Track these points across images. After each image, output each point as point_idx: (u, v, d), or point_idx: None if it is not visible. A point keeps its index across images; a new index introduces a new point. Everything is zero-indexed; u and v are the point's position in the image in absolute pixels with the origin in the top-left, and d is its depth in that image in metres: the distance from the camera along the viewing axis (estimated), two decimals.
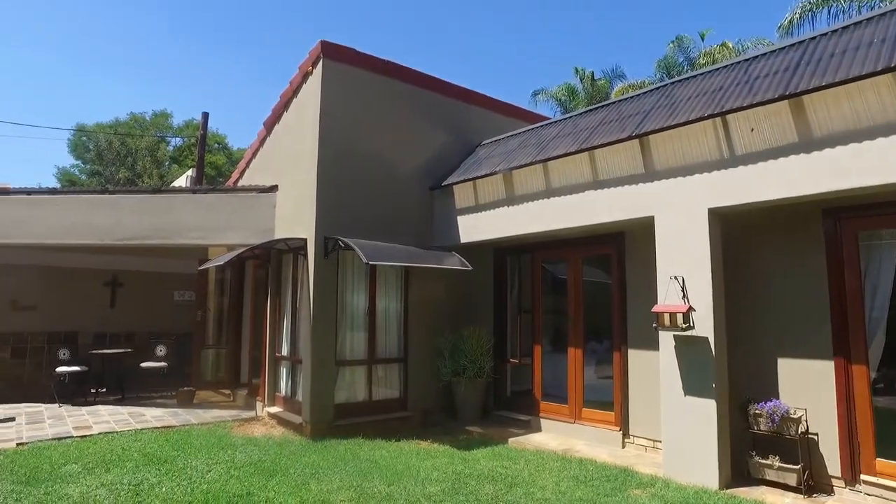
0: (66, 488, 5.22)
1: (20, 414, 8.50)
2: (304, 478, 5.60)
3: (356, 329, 8.21)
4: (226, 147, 36.05)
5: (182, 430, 7.68)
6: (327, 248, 7.73)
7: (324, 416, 7.51)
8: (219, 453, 6.47)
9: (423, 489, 5.31)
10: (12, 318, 10.31)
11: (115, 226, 9.10)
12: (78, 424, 7.88)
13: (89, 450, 6.57)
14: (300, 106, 8.71)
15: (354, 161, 8.17)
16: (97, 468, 5.87)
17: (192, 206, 9.23)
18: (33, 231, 9.25)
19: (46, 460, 6.12)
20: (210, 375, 10.37)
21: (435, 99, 9.33)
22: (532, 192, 7.56)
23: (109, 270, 11.20)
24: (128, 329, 11.15)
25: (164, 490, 5.19)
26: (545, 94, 22.91)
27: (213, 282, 10.61)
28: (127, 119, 35.99)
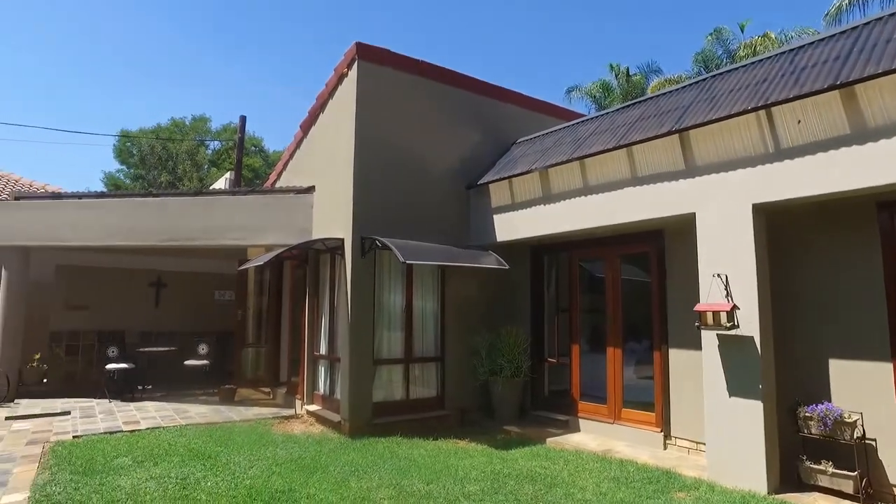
0: (118, 480, 5.41)
1: (75, 408, 8.84)
2: (344, 475, 5.67)
3: (393, 328, 8.27)
4: (262, 150, 36.76)
5: (224, 426, 7.86)
6: (364, 248, 7.80)
7: (362, 414, 7.59)
8: (260, 450, 6.60)
9: (462, 488, 5.31)
10: (66, 316, 10.75)
11: (158, 227, 9.39)
12: (127, 419, 8.14)
13: (138, 444, 6.78)
14: (336, 107, 8.82)
15: (390, 161, 8.23)
16: (146, 461, 6.05)
17: (231, 207, 9.44)
18: (84, 234, 9.62)
19: (100, 452, 6.35)
20: (250, 373, 10.60)
21: (469, 97, 9.32)
22: (569, 189, 7.49)
23: (154, 271, 11.57)
24: (171, 328, 11.48)
25: (210, 484, 5.32)
26: (579, 91, 22.68)
27: (252, 282, 10.83)
28: (168, 124, 37.07)
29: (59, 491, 5.11)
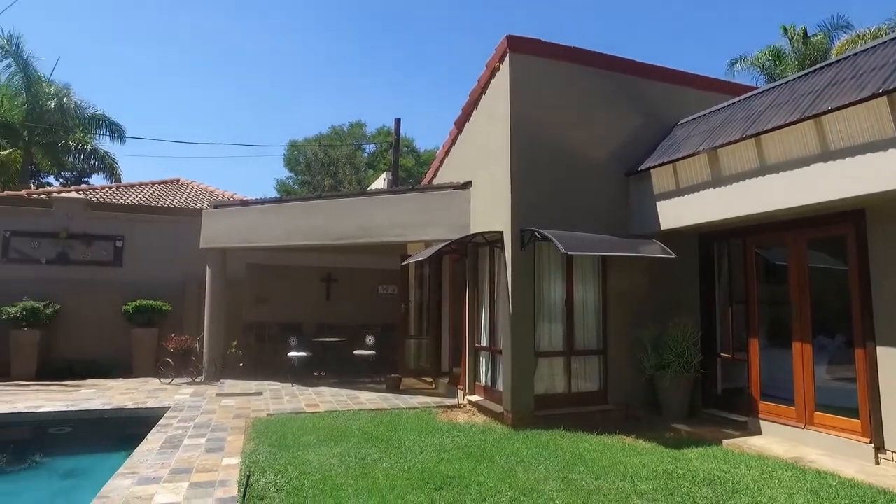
0: (306, 455, 5.98)
1: (265, 390, 9.95)
2: (510, 465, 5.73)
3: (553, 320, 8.19)
4: (413, 149, 38.39)
5: (393, 413, 8.34)
6: (523, 240, 7.81)
7: (524, 406, 7.62)
8: (428, 437, 6.89)
9: (633, 486, 5.10)
10: (255, 309, 12.15)
11: (327, 227, 10.21)
12: (308, 402, 8.98)
13: (320, 424, 7.44)
14: (490, 102, 8.92)
15: (547, 151, 8.14)
16: (328, 441, 6.62)
17: (391, 205, 9.97)
18: (266, 235, 10.78)
19: (289, 430, 7.07)
20: (412, 364, 11.14)
21: (625, 80, 8.91)
22: (742, 170, 6.85)
23: (325, 268, 12.64)
24: (341, 320, 12.47)
25: (385, 466, 5.67)
26: (744, 63, 20.58)
27: (413, 276, 11.36)
28: (329, 132, 40.23)
29: (262, 460, 5.78)
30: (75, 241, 12.77)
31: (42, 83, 21.73)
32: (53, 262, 12.57)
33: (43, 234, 12.61)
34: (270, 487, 4.97)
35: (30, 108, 21.19)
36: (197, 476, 5.36)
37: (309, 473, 5.37)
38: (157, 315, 12.07)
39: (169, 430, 7.09)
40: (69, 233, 12.70)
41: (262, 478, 5.20)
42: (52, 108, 21.63)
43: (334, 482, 5.14)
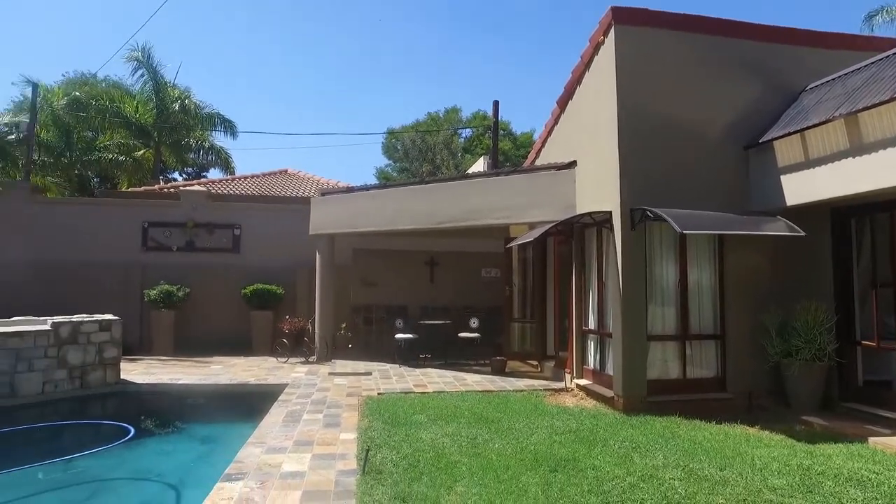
0: (419, 433, 6.13)
1: (374, 370, 10.33)
2: (625, 450, 5.56)
3: (666, 303, 7.83)
4: (510, 133, 38.02)
5: (500, 395, 8.36)
6: (634, 220, 7.50)
7: (636, 391, 7.36)
8: (537, 419, 6.84)
9: (764, 479, 4.77)
10: (362, 293, 12.62)
11: (432, 211, 10.35)
12: (416, 383, 9.21)
13: (429, 404, 7.60)
14: (594, 77, 8.60)
15: (656, 126, 7.74)
16: (438, 420, 6.75)
17: (495, 188, 9.92)
18: (371, 220, 11.12)
19: (400, 409, 7.29)
20: (517, 347, 11.11)
21: (741, 46, 8.23)
22: (892, 135, 6.12)
23: (428, 252, 12.86)
24: (445, 303, 12.65)
25: (497, 446, 5.69)
26: (888, 13, 18.25)
27: (516, 259, 11.29)
28: (425, 119, 40.78)
29: (377, 436, 6.00)
30: (200, 230, 13.86)
31: (168, 87, 23.68)
32: (183, 250, 13.74)
33: (173, 224, 13.80)
34: (387, 462, 5.15)
35: (158, 111, 23.19)
36: (318, 448, 5.66)
37: (423, 451, 5.50)
38: (273, 298, 12.85)
39: (289, 406, 7.54)
40: (195, 222, 13.80)
41: (379, 453, 5.39)
42: (176, 110, 23.54)
43: (448, 460, 5.23)
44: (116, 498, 5.72)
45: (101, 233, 13.43)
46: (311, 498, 4.40)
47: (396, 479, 4.73)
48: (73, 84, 24.67)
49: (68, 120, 22.54)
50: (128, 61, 22.66)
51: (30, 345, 8.16)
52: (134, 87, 23.93)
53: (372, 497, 4.33)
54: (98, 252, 13.21)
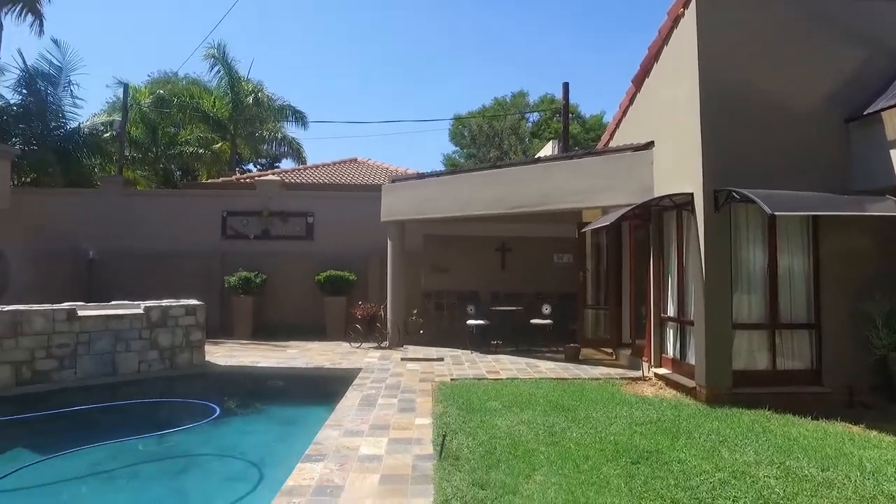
0: (494, 420, 6.07)
1: (446, 356, 10.35)
2: (712, 444, 5.28)
3: (753, 290, 7.36)
4: (578, 116, 37.07)
5: (574, 383, 8.17)
6: (717, 202, 7.07)
7: (720, 382, 6.99)
8: (615, 408, 6.62)
9: (878, 485, 4.35)
10: (433, 279, 12.67)
11: (503, 196, 10.19)
12: (488, 369, 9.15)
13: (503, 391, 7.53)
14: (673, 52, 8.16)
15: (742, 99, 7.25)
16: (513, 407, 6.66)
17: (568, 171, 9.64)
18: (442, 206, 11.08)
19: (474, 395, 7.25)
20: (591, 334, 10.83)
21: (845, 5, 7.56)
22: None
23: (499, 237, 12.72)
24: (516, 289, 12.48)
25: (575, 435, 5.54)
26: None
27: (589, 244, 10.97)
28: (492, 104, 40.36)
29: (452, 422, 5.98)
30: (275, 218, 14.33)
31: (241, 82, 24.59)
32: (259, 238, 14.26)
33: (250, 212, 14.33)
34: (464, 448, 5.11)
35: (233, 105, 24.14)
36: (394, 433, 5.70)
37: (499, 438, 5.43)
38: (345, 284, 13.12)
39: (364, 390, 7.66)
40: (270, 211, 14.26)
41: (455, 439, 5.37)
42: (249, 104, 24.43)
43: (525, 448, 5.14)
44: (205, 473, 6.00)
45: (184, 222, 14.15)
46: (389, 481, 4.43)
47: (473, 465, 4.68)
48: (157, 83, 26.06)
49: (154, 117, 23.88)
50: (205, 59, 23.77)
51: (126, 327, 8.70)
52: (211, 84, 25.05)
53: (450, 483, 4.30)
54: (182, 241, 13.92)
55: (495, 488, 4.22)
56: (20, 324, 7.84)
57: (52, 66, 18.44)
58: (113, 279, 13.09)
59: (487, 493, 4.15)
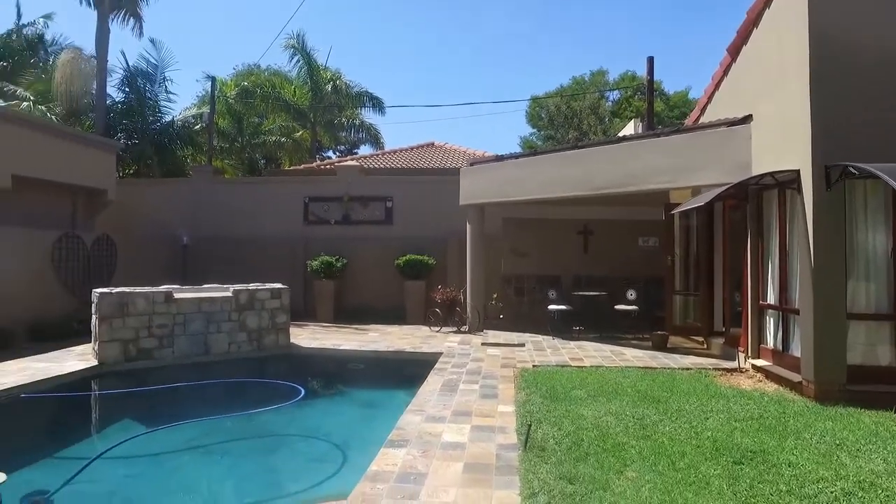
0: (579, 409, 5.83)
1: (527, 342, 10.15)
2: (827, 447, 4.79)
3: (872, 276, 6.63)
4: (662, 93, 35.30)
5: (664, 372, 7.75)
6: (829, 178, 6.40)
7: (832, 377, 6.37)
8: (710, 402, 6.20)
9: None
10: (512, 263, 12.44)
11: (586, 177, 9.78)
12: (571, 356, 8.86)
13: (587, 379, 7.25)
14: (777, 14, 7.45)
15: (860, 60, 6.49)
16: (599, 397, 6.38)
17: (655, 150, 9.10)
18: (521, 189, 10.81)
19: (557, 382, 7.02)
20: (679, 321, 10.26)
21: None
22: None
23: (581, 220, 12.28)
24: (600, 273, 12.03)
25: (668, 429, 5.22)
26: None
27: (677, 227, 10.36)
28: (570, 83, 39.18)
29: (535, 410, 5.80)
30: (355, 203, 14.55)
31: (320, 71, 25.13)
32: (340, 223, 14.54)
33: (331, 198, 14.62)
34: (549, 439, 4.93)
35: (313, 94, 24.74)
36: (476, 420, 5.59)
37: (586, 429, 5.20)
38: (424, 268, 13.14)
39: (445, 375, 7.60)
40: (350, 196, 14.49)
41: (539, 428, 5.19)
42: (328, 91, 24.95)
43: (615, 441, 4.89)
44: (291, 453, 6.15)
45: (268, 209, 14.65)
46: (472, 470, 4.32)
47: (560, 457, 4.49)
48: (241, 76, 27.17)
49: (239, 108, 24.91)
50: (285, 49, 24.43)
51: (217, 309, 9.10)
52: (291, 74, 25.78)
53: (536, 475, 4.14)
54: (267, 226, 14.43)
55: (584, 483, 4.02)
56: (126, 305, 8.37)
57: (150, 65, 19.73)
58: (204, 263, 13.79)
59: (576, 487, 3.95)
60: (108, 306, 8.25)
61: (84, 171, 12.65)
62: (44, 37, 19.59)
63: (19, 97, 17.95)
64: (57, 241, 10.98)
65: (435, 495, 3.90)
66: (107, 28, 17.09)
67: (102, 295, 8.33)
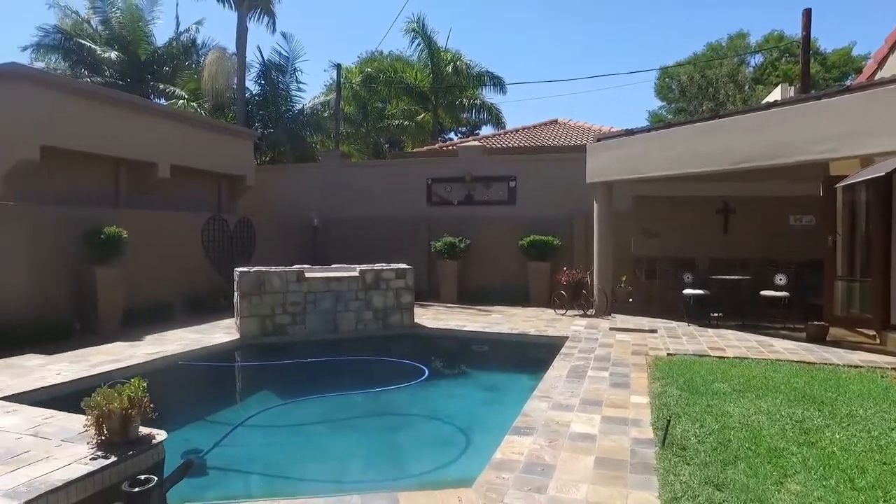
0: (724, 405, 5.25)
1: (659, 328, 9.46)
2: None
3: None
4: (816, 52, 31.40)
5: (825, 369, 6.81)
6: None
7: None
8: (893, 408, 5.30)
9: None
10: (643, 244, 11.65)
11: (728, 150, 8.84)
12: (710, 345, 8.11)
13: (731, 372, 6.55)
14: None
15: None
16: (746, 392, 5.72)
17: (814, 115, 7.97)
18: (653, 165, 10.04)
19: (696, 373, 6.41)
20: (842, 310, 9.03)
21: None
22: None
23: (720, 197, 11.18)
24: (742, 255, 10.90)
25: (838, 436, 4.51)
26: None
27: (840, 203, 9.06)
28: (704, 50, 36.10)
29: (673, 403, 5.32)
30: (477, 184, 14.42)
31: (440, 52, 25.21)
32: (462, 203, 14.50)
33: (453, 179, 14.61)
34: (690, 437, 4.46)
35: (433, 76, 24.91)
36: (607, 410, 5.23)
37: (733, 428, 4.65)
38: (549, 249, 12.73)
39: (571, 360, 7.25)
40: (472, 177, 14.38)
41: (678, 424, 4.73)
42: (449, 73, 24.97)
43: (769, 445, 4.31)
44: (415, 433, 6.18)
45: (393, 191, 14.96)
46: (605, 465, 4.01)
47: (705, 459, 4.03)
48: (365, 62, 28.04)
49: (363, 94, 25.76)
50: (405, 33, 24.76)
51: (345, 288, 9.42)
52: (412, 57, 26.14)
53: (678, 477, 3.73)
54: (391, 207, 14.76)
55: (735, 491, 3.55)
56: (263, 283, 8.90)
57: (282, 57, 21.00)
58: (333, 244, 14.43)
59: (725, 496, 3.50)
60: (247, 284, 8.82)
61: (227, 159, 13.74)
62: (196, 41, 21.45)
63: (177, 96, 19.89)
64: (206, 223, 11.96)
65: (564, 490, 3.64)
66: (245, 27, 18.28)
67: (243, 273, 8.92)
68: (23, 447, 4.21)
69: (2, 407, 5.21)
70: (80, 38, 19.63)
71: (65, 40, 19.58)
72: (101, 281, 8.95)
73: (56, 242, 8.84)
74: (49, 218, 8.87)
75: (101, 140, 10.61)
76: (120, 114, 11.06)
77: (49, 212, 8.96)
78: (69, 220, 9.03)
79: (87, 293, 8.95)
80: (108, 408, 4.01)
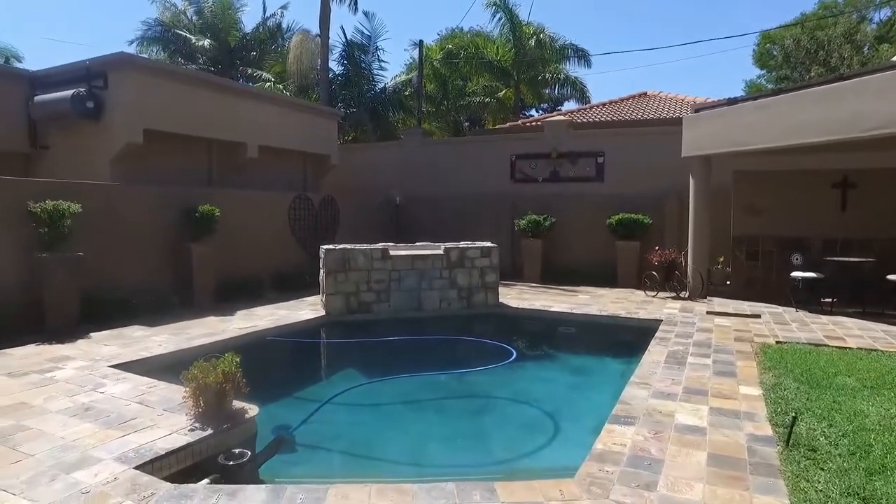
0: (855, 403, 4.68)
1: (763, 312, 8.73)
2: None
3: None
4: None
5: None
6: None
7: None
8: None
9: None
10: (744, 222, 10.76)
11: (853, 116, 7.86)
12: (826, 333, 7.36)
13: (856, 365, 5.87)
14: None
15: None
16: (879, 388, 5.09)
17: None
18: (760, 136, 9.17)
19: (814, 365, 5.79)
20: None
21: None
22: None
23: (838, 170, 10.05)
24: (864, 235, 9.77)
25: None
26: None
27: None
28: (814, 9, 32.94)
29: (791, 397, 4.81)
30: (563, 160, 13.87)
31: (522, 26, 24.46)
32: (547, 180, 14.02)
33: (538, 155, 14.13)
34: (819, 437, 3.97)
35: (515, 51, 24.25)
36: (714, 401, 4.80)
37: (871, 430, 4.11)
38: (639, 228, 12.06)
39: (668, 345, 6.78)
40: (558, 152, 13.84)
41: (802, 421, 4.23)
42: (532, 46, 24.21)
43: None
44: (501, 416, 5.98)
45: (476, 168, 14.68)
46: (719, 463, 3.64)
47: (841, 464, 3.56)
48: (445, 40, 27.69)
49: (444, 72, 25.49)
50: (486, 8, 24.15)
51: (429, 266, 9.30)
52: (493, 33, 25.53)
53: (811, 483, 3.31)
54: (474, 185, 14.50)
55: None
56: (348, 260, 8.94)
57: (364, 37, 21.11)
58: (415, 222, 14.38)
59: None
60: (332, 261, 8.88)
61: (312, 139, 13.95)
62: (281, 25, 21.96)
63: (264, 79, 20.50)
64: (292, 201, 12.21)
65: (677, 489, 3.32)
66: (328, 7, 18.42)
67: (328, 251, 8.99)
68: (131, 413, 4.42)
69: (114, 374, 5.51)
70: (178, 28, 20.65)
71: (164, 32, 20.68)
72: (196, 257, 9.32)
73: (158, 221, 9.27)
74: (153, 198, 9.30)
75: (197, 122, 11.03)
76: (213, 97, 11.43)
77: (153, 192, 9.40)
78: (169, 200, 9.43)
79: (183, 269, 9.36)
80: (204, 381, 4.07)
